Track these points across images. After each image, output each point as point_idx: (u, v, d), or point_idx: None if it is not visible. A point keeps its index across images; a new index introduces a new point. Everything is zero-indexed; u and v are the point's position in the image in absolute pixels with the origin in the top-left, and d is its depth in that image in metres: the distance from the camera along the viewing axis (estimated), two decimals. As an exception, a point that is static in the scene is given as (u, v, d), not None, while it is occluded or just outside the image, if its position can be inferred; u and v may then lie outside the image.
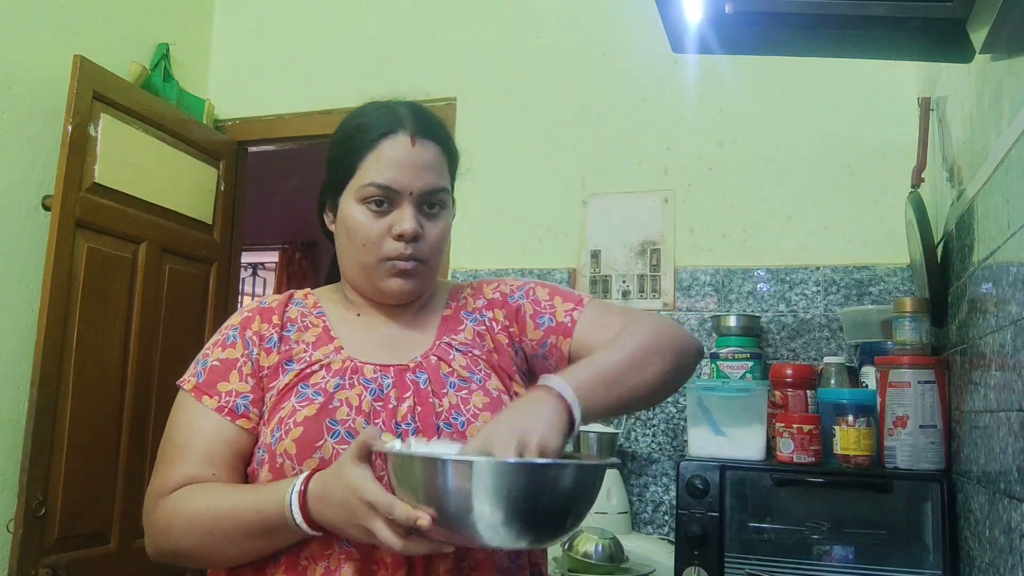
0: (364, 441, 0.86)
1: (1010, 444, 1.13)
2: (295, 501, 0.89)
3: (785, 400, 1.88)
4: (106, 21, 2.61)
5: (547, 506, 0.82)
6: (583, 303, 1.13)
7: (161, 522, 0.99)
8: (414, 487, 0.81)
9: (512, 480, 0.79)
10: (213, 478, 1.00)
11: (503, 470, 0.80)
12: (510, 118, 2.65)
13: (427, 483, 0.80)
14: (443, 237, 1.10)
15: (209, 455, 1.01)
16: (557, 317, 1.11)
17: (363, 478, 0.84)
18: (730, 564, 1.70)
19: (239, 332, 1.08)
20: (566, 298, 1.14)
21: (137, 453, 2.44)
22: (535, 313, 1.13)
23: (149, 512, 1.01)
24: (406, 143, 1.05)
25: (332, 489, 0.87)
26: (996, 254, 1.24)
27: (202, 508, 0.96)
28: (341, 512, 0.86)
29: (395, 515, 0.81)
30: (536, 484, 0.82)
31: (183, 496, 0.98)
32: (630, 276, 2.47)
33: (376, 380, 1.03)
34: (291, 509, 0.89)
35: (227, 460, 1.01)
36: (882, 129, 2.28)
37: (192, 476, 1.00)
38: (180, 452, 1.02)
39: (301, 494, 0.90)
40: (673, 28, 1.26)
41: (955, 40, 1.11)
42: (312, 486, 0.90)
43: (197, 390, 1.04)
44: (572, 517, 0.86)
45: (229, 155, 2.92)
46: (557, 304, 1.13)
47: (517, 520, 0.79)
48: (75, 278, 2.24)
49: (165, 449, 1.04)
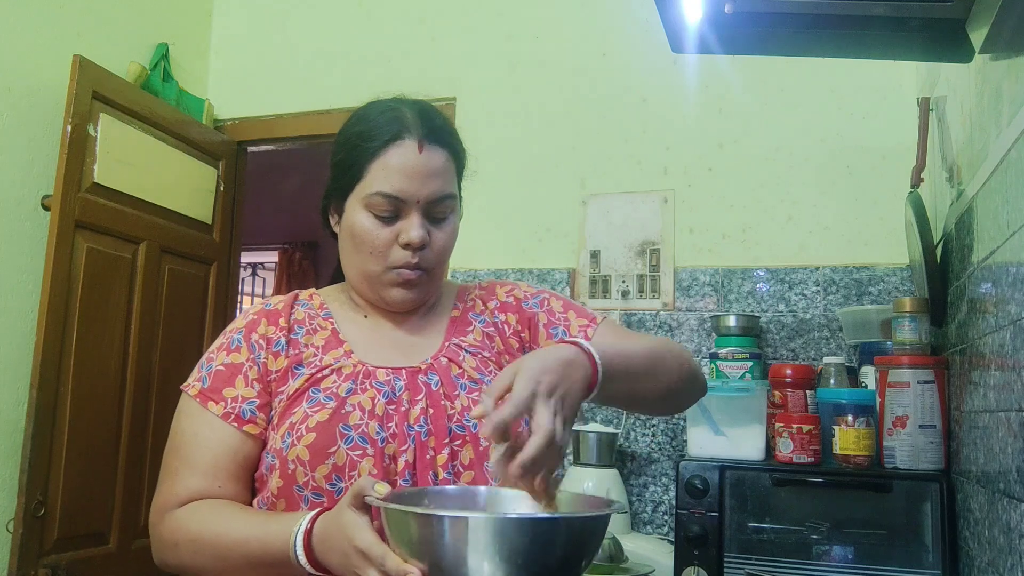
0: (359, 490, 0.83)
1: (1009, 444, 1.13)
2: (300, 541, 0.87)
3: (784, 400, 1.88)
4: (105, 21, 2.60)
5: (547, 561, 0.77)
6: (597, 322, 1.13)
7: (168, 537, 0.98)
8: (408, 541, 0.78)
9: (509, 537, 0.75)
10: (219, 491, 0.99)
11: (499, 527, 0.75)
12: (510, 118, 2.65)
13: (421, 538, 0.77)
14: (449, 244, 1.09)
15: (215, 467, 1.00)
16: (571, 331, 1.11)
17: (359, 526, 0.82)
18: (729, 564, 1.70)
19: (244, 336, 1.06)
20: (580, 314, 1.14)
21: (137, 454, 2.44)
22: (549, 323, 1.13)
23: (155, 524, 1.00)
24: (413, 149, 1.03)
25: (332, 533, 0.85)
26: (995, 254, 1.24)
27: (209, 533, 0.95)
28: (338, 557, 0.84)
29: (387, 567, 0.78)
30: (536, 541, 0.76)
31: (191, 516, 0.97)
32: (629, 276, 2.47)
33: (389, 383, 1.02)
34: (295, 549, 0.87)
35: (232, 472, 1.00)
36: (882, 129, 2.28)
37: (198, 490, 0.99)
38: (185, 463, 1.00)
39: (306, 534, 0.87)
40: (672, 28, 1.26)
41: (954, 40, 1.11)
42: (316, 527, 0.87)
43: (202, 396, 1.03)
44: (573, 570, 0.80)
45: (228, 155, 2.92)
46: (571, 318, 1.13)
47: (514, 573, 0.75)
48: (74, 278, 2.24)
49: (170, 459, 1.03)
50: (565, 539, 0.79)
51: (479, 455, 1.01)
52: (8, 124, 2.26)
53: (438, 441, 1.00)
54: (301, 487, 0.97)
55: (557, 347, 0.89)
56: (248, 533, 0.93)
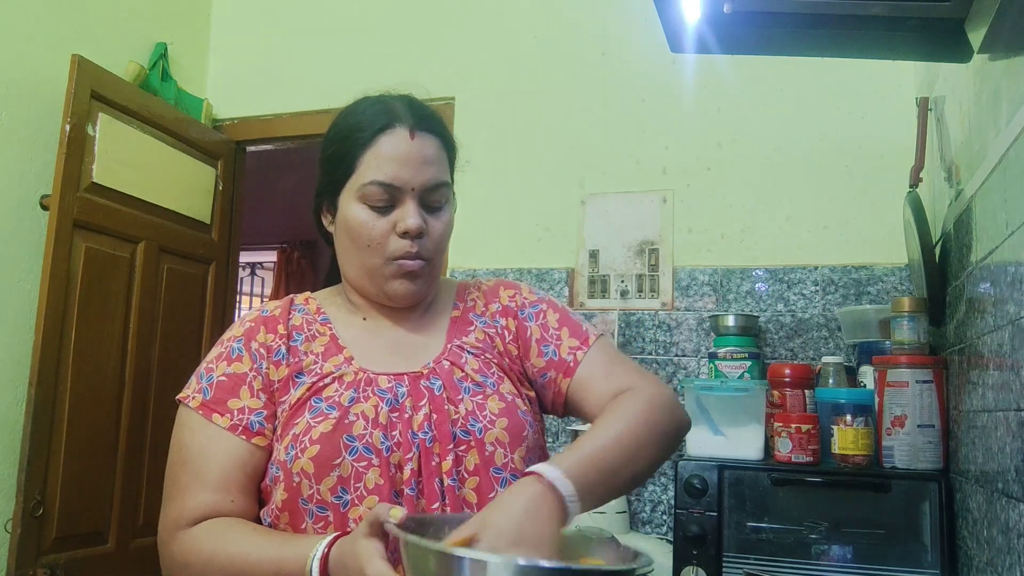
0: (375, 519, 0.82)
1: (1008, 443, 1.13)
2: (316, 568, 0.86)
3: (783, 400, 1.88)
4: (104, 21, 2.60)
5: None
6: (589, 343, 1.10)
7: (179, 557, 0.96)
8: (424, 574, 0.76)
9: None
10: (231, 505, 0.97)
11: (524, 573, 0.73)
12: (508, 118, 2.65)
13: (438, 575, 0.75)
14: (447, 233, 1.07)
15: (225, 481, 0.97)
16: (561, 352, 1.09)
17: (372, 555, 0.80)
18: (728, 564, 1.70)
19: (244, 344, 1.04)
20: (573, 331, 1.11)
21: (135, 453, 2.44)
22: (541, 339, 1.10)
23: (166, 543, 0.98)
24: (405, 137, 1.03)
25: (347, 560, 0.83)
26: (994, 254, 1.24)
27: (222, 555, 0.93)
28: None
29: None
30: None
31: (204, 537, 0.95)
32: (628, 276, 2.47)
33: (391, 390, 1.01)
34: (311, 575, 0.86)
35: (243, 485, 0.99)
36: (880, 129, 2.28)
37: (210, 505, 0.97)
38: (195, 478, 0.98)
39: (323, 560, 0.86)
40: (671, 28, 1.26)
41: (953, 40, 1.11)
42: (333, 553, 0.86)
43: (205, 408, 1.00)
44: None
45: (227, 154, 2.92)
46: (564, 337, 1.10)
47: None
48: (73, 278, 2.24)
49: (177, 473, 1.00)
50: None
51: (484, 460, 0.99)
52: (7, 124, 2.26)
53: (442, 447, 0.98)
54: (306, 500, 0.95)
55: (521, 493, 0.84)
56: (262, 556, 0.91)
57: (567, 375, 1.07)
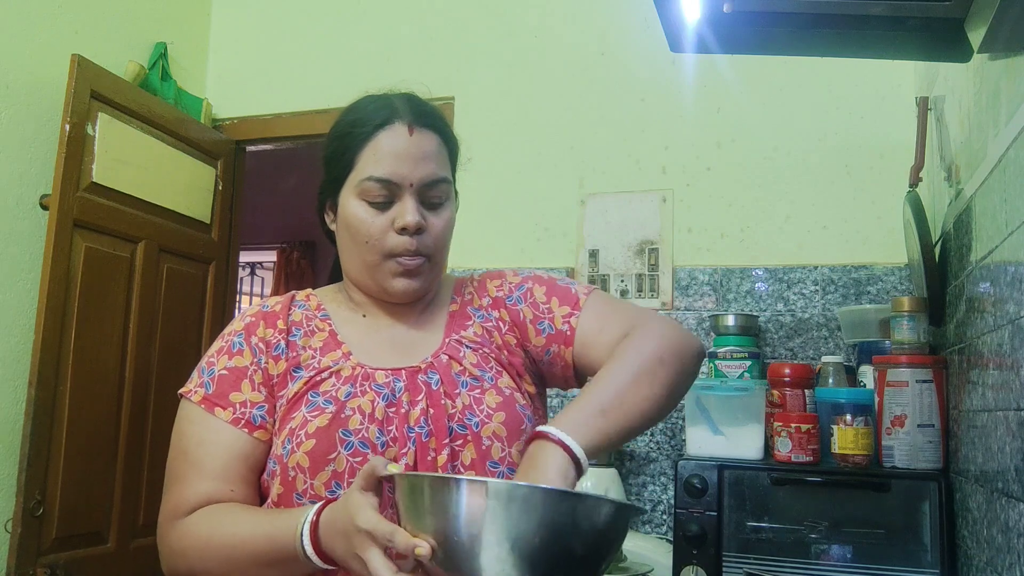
0: (370, 470, 0.82)
1: (1008, 443, 1.13)
2: (307, 532, 0.86)
3: (783, 399, 1.88)
4: (104, 20, 2.60)
5: (566, 543, 0.71)
6: (579, 305, 1.09)
7: (176, 546, 0.97)
8: (420, 511, 0.75)
9: (533, 508, 0.70)
10: (232, 494, 0.97)
11: (523, 494, 0.71)
12: (508, 118, 2.65)
13: (435, 505, 0.73)
14: (447, 230, 1.07)
15: (226, 472, 0.98)
16: (556, 324, 1.08)
17: (364, 506, 0.80)
18: (728, 563, 1.70)
19: (245, 338, 1.05)
20: (563, 299, 1.10)
21: (135, 453, 2.44)
22: (535, 318, 1.09)
23: (165, 534, 0.99)
24: (403, 133, 1.03)
25: (338, 517, 0.83)
26: (994, 253, 1.24)
27: (217, 535, 0.94)
28: (342, 542, 0.83)
29: (395, 543, 0.76)
30: (560, 516, 0.71)
31: (199, 520, 0.96)
32: (628, 276, 2.47)
33: (388, 384, 1.01)
34: (302, 540, 0.86)
35: (244, 476, 0.99)
36: (880, 129, 2.28)
37: (209, 495, 0.97)
38: (195, 468, 0.98)
39: (313, 524, 0.86)
40: (671, 27, 1.26)
41: (953, 39, 1.11)
42: (323, 515, 0.86)
43: (207, 402, 1.00)
44: (591, 564, 0.74)
45: (227, 154, 2.92)
46: (555, 307, 1.09)
47: (529, 556, 0.70)
48: (73, 278, 2.24)
49: (178, 466, 1.00)
50: (596, 521, 0.73)
51: (481, 454, 0.99)
52: (6, 123, 2.26)
53: (438, 442, 0.98)
54: (300, 495, 0.96)
55: (551, 464, 0.85)
56: (255, 530, 0.91)
57: (567, 344, 1.07)
